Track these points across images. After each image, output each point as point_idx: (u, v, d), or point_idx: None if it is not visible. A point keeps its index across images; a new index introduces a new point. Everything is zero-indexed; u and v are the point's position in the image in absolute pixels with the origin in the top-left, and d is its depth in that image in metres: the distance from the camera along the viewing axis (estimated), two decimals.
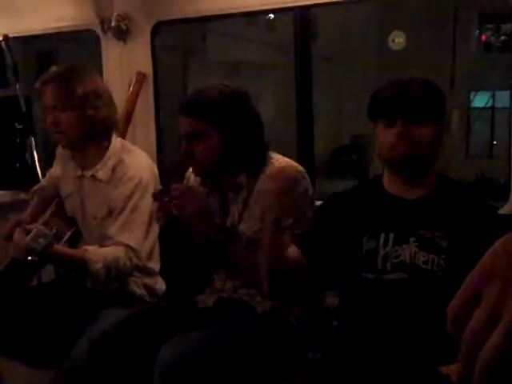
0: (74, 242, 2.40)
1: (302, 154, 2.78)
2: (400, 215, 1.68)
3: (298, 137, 2.84)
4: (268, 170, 1.92)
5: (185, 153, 1.95)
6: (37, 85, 2.27)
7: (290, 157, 2.07)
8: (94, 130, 2.26)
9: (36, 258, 2.03)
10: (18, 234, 2.09)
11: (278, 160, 1.97)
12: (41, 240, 2.01)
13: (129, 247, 2.19)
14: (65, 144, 2.34)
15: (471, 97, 15.51)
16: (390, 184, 1.73)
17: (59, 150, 2.49)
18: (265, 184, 1.82)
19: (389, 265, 1.65)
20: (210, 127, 1.91)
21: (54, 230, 2.09)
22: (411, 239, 1.64)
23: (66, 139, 2.29)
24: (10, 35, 3.00)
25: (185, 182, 2.17)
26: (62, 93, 2.20)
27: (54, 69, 2.31)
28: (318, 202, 2.17)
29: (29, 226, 2.12)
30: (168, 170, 3.03)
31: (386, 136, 1.65)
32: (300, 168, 1.95)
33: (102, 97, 2.26)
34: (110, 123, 2.30)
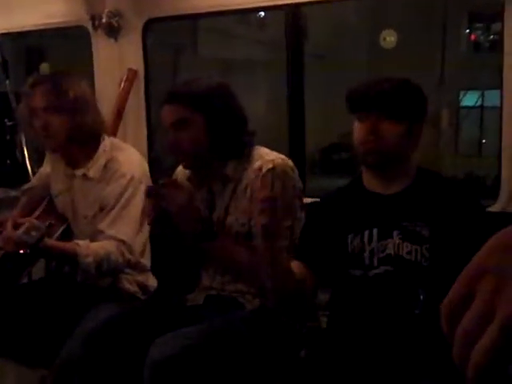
0: (66, 238, 2.39)
1: (294, 151, 2.78)
2: (381, 210, 1.70)
3: (289, 134, 2.84)
4: (258, 165, 1.93)
5: (172, 142, 1.96)
6: (26, 86, 2.24)
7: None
8: (79, 135, 2.24)
9: (28, 251, 2.01)
10: (9, 228, 2.07)
11: (268, 154, 1.97)
12: (33, 233, 1.99)
13: (121, 241, 2.18)
14: (52, 148, 2.33)
15: (461, 96, 15.59)
16: (369, 181, 1.76)
17: None
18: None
19: (375, 260, 1.67)
20: (195, 113, 1.93)
21: (47, 224, 2.07)
22: (395, 232, 1.66)
23: (54, 143, 2.27)
24: (0, 31, 2.97)
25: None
26: (55, 95, 2.18)
27: (44, 66, 2.30)
28: (309, 200, 2.19)
29: (20, 220, 2.11)
30: (159, 166, 3.03)
31: (357, 131, 1.68)
32: (290, 163, 1.96)
33: (88, 104, 2.25)
34: (95, 131, 2.28)
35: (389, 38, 3.85)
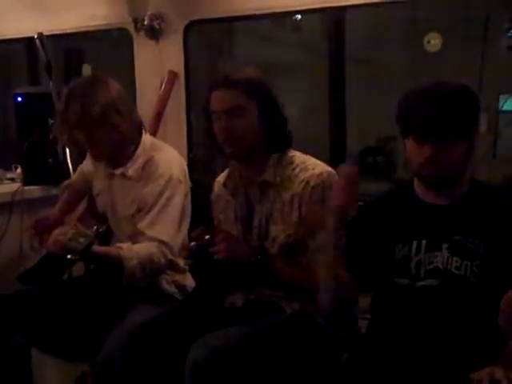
0: (106, 237, 2.42)
1: (335, 154, 2.77)
2: (432, 221, 1.66)
3: (330, 138, 2.82)
4: (305, 177, 1.91)
5: (225, 129, 1.91)
6: (60, 104, 2.21)
7: (321, 156, 2.07)
8: (119, 141, 2.23)
9: (77, 257, 2.01)
10: (59, 231, 2.08)
11: (313, 166, 1.94)
12: (82, 240, 1.98)
13: (162, 242, 2.17)
14: (99, 159, 2.36)
15: (500, 100, 15.30)
16: (422, 191, 1.71)
17: None
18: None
19: (422, 271, 1.63)
20: (251, 100, 1.89)
21: (94, 229, 2.05)
22: (444, 245, 1.62)
23: (100, 155, 2.30)
24: (44, 33, 3.01)
25: (212, 192, 2.18)
26: (83, 116, 2.14)
27: (86, 68, 2.31)
28: None
29: (68, 227, 2.11)
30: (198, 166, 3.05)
31: (416, 154, 1.60)
32: (335, 174, 1.92)
33: (118, 109, 2.19)
34: (132, 132, 2.27)
35: (433, 41, 3.80)
